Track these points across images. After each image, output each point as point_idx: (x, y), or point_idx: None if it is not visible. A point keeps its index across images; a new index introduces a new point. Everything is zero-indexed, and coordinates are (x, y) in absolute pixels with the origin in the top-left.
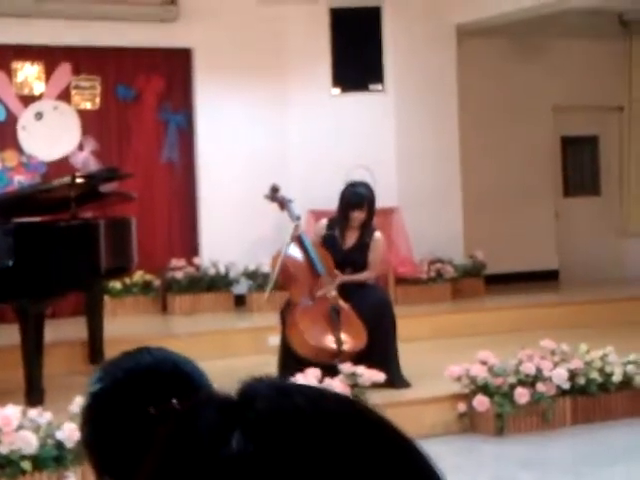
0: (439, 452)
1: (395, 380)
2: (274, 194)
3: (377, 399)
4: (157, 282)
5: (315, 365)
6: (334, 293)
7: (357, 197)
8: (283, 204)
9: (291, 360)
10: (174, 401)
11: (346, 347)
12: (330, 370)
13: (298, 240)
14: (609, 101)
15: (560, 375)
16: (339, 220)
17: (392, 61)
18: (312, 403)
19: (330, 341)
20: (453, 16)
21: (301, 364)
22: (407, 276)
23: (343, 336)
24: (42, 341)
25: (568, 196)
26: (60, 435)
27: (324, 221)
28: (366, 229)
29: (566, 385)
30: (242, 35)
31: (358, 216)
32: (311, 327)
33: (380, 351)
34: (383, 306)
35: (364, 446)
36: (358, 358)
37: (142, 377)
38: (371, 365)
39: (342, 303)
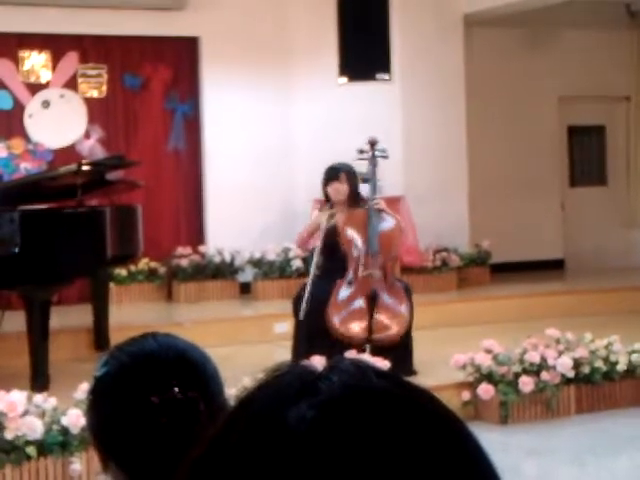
0: None
1: (404, 368)
2: (372, 147)
3: None
4: (162, 270)
5: (346, 347)
6: (377, 276)
7: (331, 171)
8: (374, 167)
9: (303, 347)
10: (175, 389)
11: (377, 335)
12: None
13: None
14: (616, 91)
15: (565, 364)
16: (327, 204)
17: (399, 50)
18: (390, 387)
19: (359, 327)
20: (460, 6)
21: (312, 350)
22: (413, 265)
23: (376, 322)
24: (48, 328)
25: (574, 186)
26: (65, 421)
27: (316, 212)
28: (355, 206)
29: (570, 374)
30: (249, 24)
31: (338, 188)
32: (343, 310)
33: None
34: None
35: (421, 438)
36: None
37: (146, 363)
38: (391, 352)
39: (393, 284)
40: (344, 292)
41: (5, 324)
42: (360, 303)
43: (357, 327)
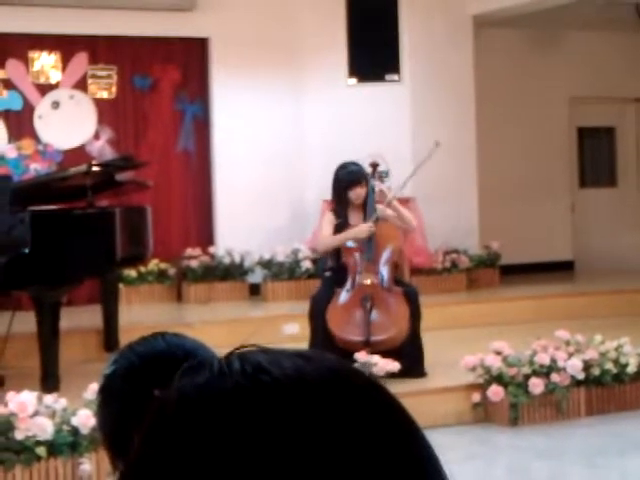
0: (453, 442)
1: (415, 370)
2: (374, 169)
3: (391, 388)
4: (172, 271)
5: (351, 353)
6: (368, 282)
7: (353, 175)
8: (374, 188)
9: (319, 347)
10: None
11: (373, 340)
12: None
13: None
14: (626, 92)
15: (574, 366)
16: (340, 206)
17: (409, 51)
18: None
19: (356, 332)
20: (470, 7)
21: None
22: (422, 266)
23: (373, 328)
24: (58, 328)
25: (584, 187)
26: (75, 421)
27: (329, 213)
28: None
29: (580, 376)
30: (258, 24)
31: (360, 192)
32: (340, 317)
33: (408, 340)
34: (411, 297)
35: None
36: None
37: (154, 361)
38: (398, 354)
39: (391, 289)
40: (342, 299)
41: (15, 325)
42: (357, 309)
43: (354, 333)
